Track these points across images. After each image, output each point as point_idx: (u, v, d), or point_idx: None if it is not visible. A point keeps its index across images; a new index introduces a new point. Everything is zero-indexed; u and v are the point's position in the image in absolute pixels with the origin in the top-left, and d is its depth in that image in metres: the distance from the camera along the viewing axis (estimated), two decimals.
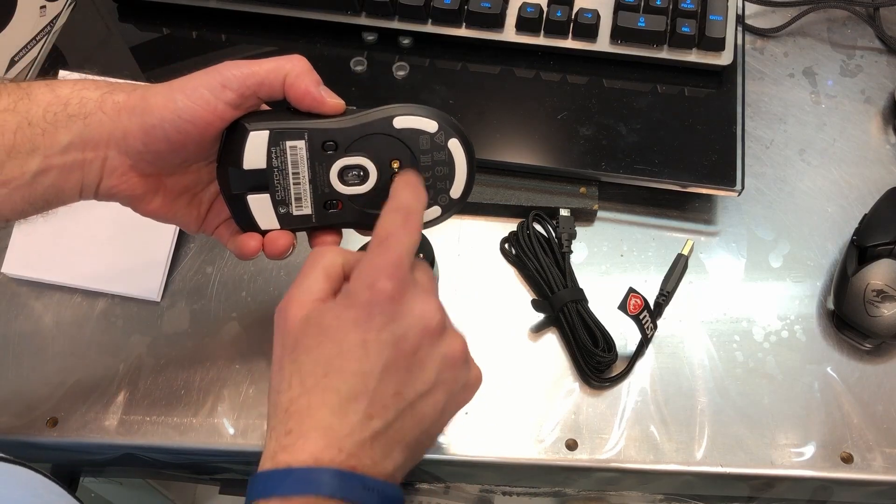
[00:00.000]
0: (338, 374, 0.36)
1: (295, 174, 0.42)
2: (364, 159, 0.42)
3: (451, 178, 0.43)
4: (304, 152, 0.42)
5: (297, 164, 0.42)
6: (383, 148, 0.42)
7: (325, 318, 0.37)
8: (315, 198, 0.43)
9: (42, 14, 0.69)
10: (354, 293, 0.37)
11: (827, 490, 0.52)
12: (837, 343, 0.55)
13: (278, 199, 0.43)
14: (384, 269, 0.37)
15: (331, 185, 0.43)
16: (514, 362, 0.54)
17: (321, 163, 0.42)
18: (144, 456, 0.53)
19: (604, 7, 0.61)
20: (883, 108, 0.64)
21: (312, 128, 0.42)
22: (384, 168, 0.42)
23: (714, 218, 0.60)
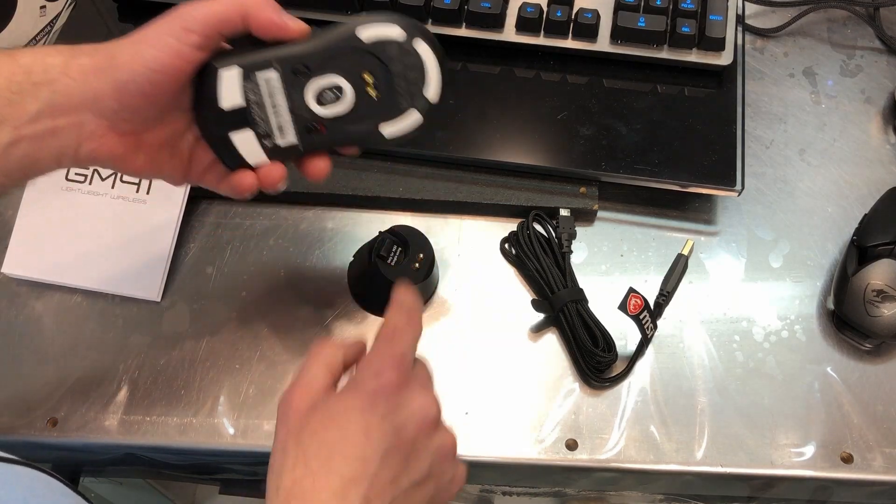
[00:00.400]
0: (341, 457, 0.37)
1: (273, 105, 0.43)
2: (337, 77, 0.42)
3: (424, 81, 0.43)
4: (278, 81, 0.42)
5: (273, 95, 0.42)
6: (353, 62, 0.42)
7: (330, 405, 0.39)
8: (297, 125, 0.43)
9: (42, 14, 0.69)
10: (361, 381, 0.39)
11: (827, 490, 0.52)
12: (837, 343, 0.55)
13: (261, 132, 0.43)
14: (390, 360, 0.39)
15: (310, 109, 0.43)
16: (514, 362, 0.54)
17: (296, 88, 0.42)
18: (144, 456, 0.53)
19: (604, 7, 0.61)
20: (883, 108, 0.64)
21: (281, 55, 0.42)
22: (358, 82, 0.43)
23: (714, 218, 0.60)
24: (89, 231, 0.57)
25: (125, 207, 0.58)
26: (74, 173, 0.58)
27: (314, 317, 0.56)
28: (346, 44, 0.42)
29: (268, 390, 0.53)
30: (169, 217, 0.57)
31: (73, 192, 0.58)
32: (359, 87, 0.42)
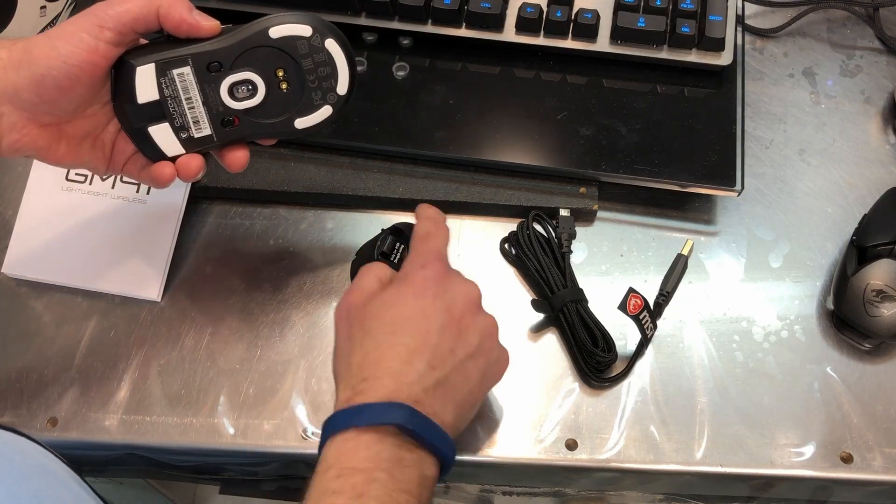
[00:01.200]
0: (404, 331, 0.42)
1: (188, 99, 0.45)
2: (250, 73, 0.45)
3: (335, 77, 0.46)
4: (192, 77, 0.44)
5: (187, 90, 0.45)
6: (266, 59, 0.45)
7: (386, 295, 0.44)
8: (212, 118, 0.46)
9: (42, 14, 0.69)
10: (409, 274, 0.45)
11: (827, 490, 0.52)
12: (837, 343, 0.55)
13: (177, 125, 0.45)
14: (430, 254, 0.46)
15: (223, 103, 0.45)
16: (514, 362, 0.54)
17: (210, 84, 0.45)
18: (144, 456, 0.53)
19: (604, 7, 0.61)
20: (882, 109, 0.64)
21: (195, 52, 0.44)
22: (270, 78, 0.45)
23: (714, 218, 0.60)
24: (89, 231, 0.57)
25: (125, 207, 0.58)
26: (75, 173, 0.58)
27: (314, 317, 0.56)
28: (258, 41, 0.45)
29: (268, 390, 0.53)
30: (169, 217, 0.57)
31: (74, 192, 0.58)
32: (271, 82, 0.45)
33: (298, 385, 0.53)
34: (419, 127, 0.59)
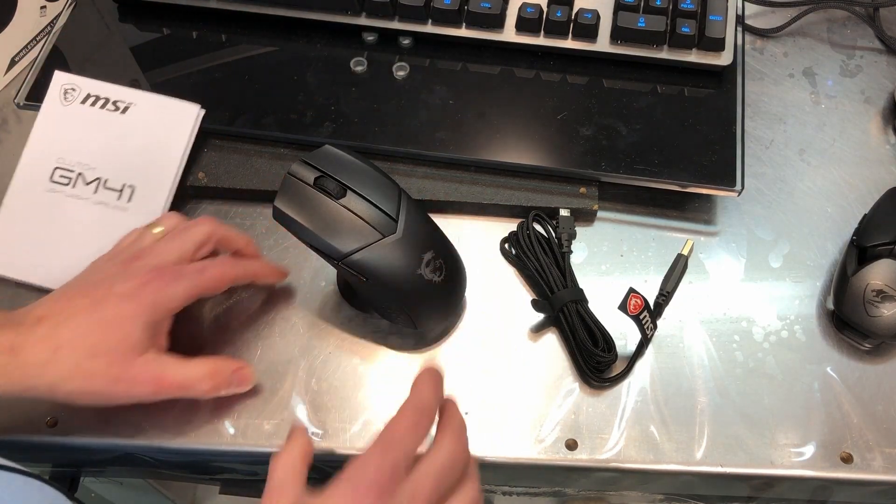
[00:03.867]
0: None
1: None
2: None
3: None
4: None
5: None
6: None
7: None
8: None
9: (42, 14, 0.69)
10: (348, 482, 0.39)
11: (827, 490, 0.52)
12: (837, 343, 0.55)
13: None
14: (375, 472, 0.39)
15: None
16: (514, 362, 0.54)
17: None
18: (144, 456, 0.53)
19: (604, 7, 0.61)
20: (883, 109, 0.64)
21: None
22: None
23: (714, 218, 0.60)
24: (69, 234, 0.57)
25: (105, 213, 0.57)
26: (59, 175, 0.57)
27: (314, 317, 0.56)
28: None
29: (268, 390, 0.53)
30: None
31: (57, 193, 0.57)
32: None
33: (298, 385, 0.53)
34: (419, 127, 0.59)
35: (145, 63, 0.64)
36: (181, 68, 0.63)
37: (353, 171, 0.49)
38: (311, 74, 0.62)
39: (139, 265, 0.48)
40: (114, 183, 0.57)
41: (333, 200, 0.47)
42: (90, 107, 0.58)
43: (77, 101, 0.58)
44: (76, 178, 0.57)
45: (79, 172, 0.57)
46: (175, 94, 0.61)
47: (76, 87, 0.58)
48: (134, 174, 0.57)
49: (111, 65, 0.64)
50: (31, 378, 0.44)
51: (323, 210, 0.47)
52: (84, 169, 0.57)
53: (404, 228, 0.48)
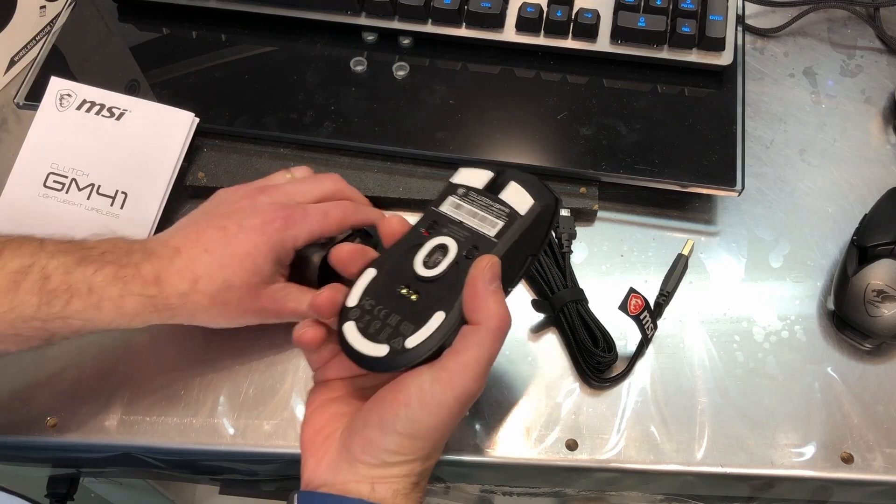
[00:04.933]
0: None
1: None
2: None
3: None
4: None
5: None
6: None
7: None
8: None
9: (42, 14, 0.69)
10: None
11: (827, 490, 0.52)
12: (838, 343, 0.55)
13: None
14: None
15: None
16: (514, 362, 0.54)
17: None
18: (144, 456, 0.53)
19: (604, 7, 0.61)
20: (883, 108, 0.64)
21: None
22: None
23: (714, 218, 0.60)
24: (75, 231, 0.56)
25: (97, 220, 0.56)
26: (53, 181, 0.57)
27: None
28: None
29: (268, 390, 0.53)
30: (139, 234, 0.56)
31: (50, 199, 0.57)
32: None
33: (298, 385, 0.53)
34: (419, 127, 0.59)
35: (145, 63, 0.64)
36: (181, 68, 0.63)
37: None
38: (311, 74, 0.62)
39: (265, 200, 0.50)
40: (107, 189, 0.57)
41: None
42: (85, 113, 0.58)
43: (72, 106, 0.58)
44: (70, 183, 0.57)
45: (72, 178, 0.57)
46: (175, 93, 0.61)
47: (72, 92, 0.58)
48: (127, 181, 0.57)
49: (111, 65, 0.64)
50: (174, 308, 0.46)
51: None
52: (78, 175, 0.57)
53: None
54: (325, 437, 0.41)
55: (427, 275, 0.42)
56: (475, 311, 0.39)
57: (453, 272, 0.41)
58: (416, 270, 0.42)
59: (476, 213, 0.43)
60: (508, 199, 0.44)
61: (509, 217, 0.43)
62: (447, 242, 0.42)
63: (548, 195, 0.44)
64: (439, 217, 0.44)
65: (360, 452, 0.39)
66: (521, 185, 0.44)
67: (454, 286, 0.41)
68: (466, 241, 0.42)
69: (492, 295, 0.39)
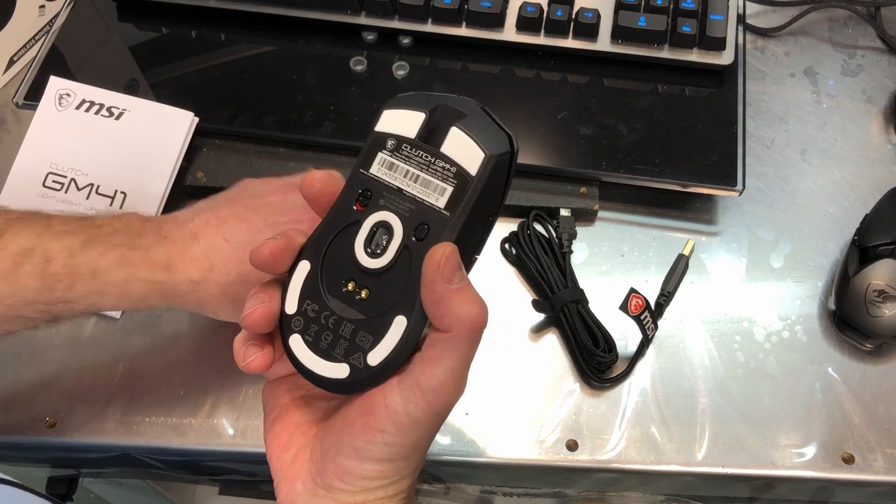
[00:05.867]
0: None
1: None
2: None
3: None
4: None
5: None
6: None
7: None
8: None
9: (41, 13, 0.69)
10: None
11: (828, 491, 0.52)
12: (838, 343, 0.54)
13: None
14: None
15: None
16: (514, 362, 0.54)
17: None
18: (143, 457, 0.53)
19: (604, 6, 0.61)
20: (884, 108, 0.64)
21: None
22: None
23: (715, 218, 0.60)
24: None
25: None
26: (52, 180, 0.57)
27: None
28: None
29: None
30: None
31: (49, 199, 0.57)
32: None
33: None
34: None
35: (144, 62, 0.63)
36: (180, 68, 0.63)
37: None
38: (310, 74, 0.62)
39: (298, 201, 0.43)
40: (106, 189, 0.57)
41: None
42: (84, 112, 0.58)
43: (71, 106, 0.58)
44: (69, 183, 0.57)
45: (71, 178, 0.57)
46: (174, 93, 0.61)
47: (71, 92, 0.58)
48: (126, 180, 0.57)
49: (110, 64, 0.64)
50: (183, 295, 0.44)
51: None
52: (77, 174, 0.57)
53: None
54: (294, 456, 0.37)
55: (373, 266, 0.35)
56: (441, 318, 0.33)
57: (404, 261, 0.34)
58: (359, 260, 0.35)
59: (417, 176, 0.35)
60: (452, 152, 0.34)
61: (458, 178, 0.34)
62: (389, 220, 0.35)
63: (499, 139, 0.35)
64: (371, 184, 0.35)
65: (338, 482, 0.35)
66: (464, 131, 0.35)
67: (409, 279, 0.34)
68: (412, 217, 0.34)
69: (456, 295, 0.33)
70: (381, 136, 0.36)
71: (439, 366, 0.33)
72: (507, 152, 0.35)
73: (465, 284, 0.34)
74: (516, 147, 0.36)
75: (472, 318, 0.34)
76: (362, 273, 0.35)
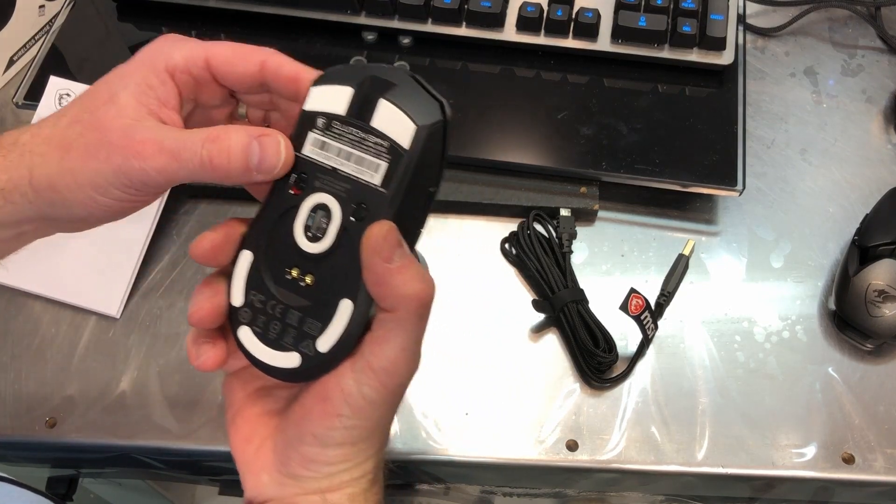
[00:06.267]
0: None
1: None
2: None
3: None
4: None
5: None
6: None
7: None
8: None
9: (41, 13, 0.69)
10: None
11: (828, 491, 0.52)
12: (839, 343, 0.54)
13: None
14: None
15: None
16: (514, 362, 0.54)
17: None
18: (143, 457, 0.53)
19: (604, 6, 0.61)
20: (884, 108, 0.64)
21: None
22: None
23: (715, 218, 0.60)
24: (61, 241, 0.56)
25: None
26: None
27: None
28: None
29: None
30: (138, 233, 0.56)
31: None
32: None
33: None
34: None
35: None
36: None
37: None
38: None
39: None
40: None
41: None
42: None
43: None
44: None
45: None
46: None
47: (71, 92, 0.58)
48: None
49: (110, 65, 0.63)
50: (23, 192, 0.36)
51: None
52: None
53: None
54: (256, 448, 0.36)
55: (314, 251, 0.34)
56: (384, 298, 0.33)
57: (345, 243, 0.33)
58: (300, 245, 0.34)
59: (350, 154, 0.34)
60: (383, 126, 0.33)
61: (391, 153, 0.33)
62: (326, 202, 0.34)
63: (430, 108, 0.34)
64: (305, 165, 0.34)
65: (303, 470, 0.35)
66: (393, 103, 0.33)
67: (352, 262, 0.33)
68: (349, 197, 0.33)
69: (398, 274, 0.32)
70: (310, 114, 0.35)
71: (389, 345, 0.33)
72: (439, 121, 0.34)
73: (407, 262, 0.33)
74: (449, 114, 0.35)
75: (417, 296, 0.33)
76: (305, 259, 0.34)
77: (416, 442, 0.51)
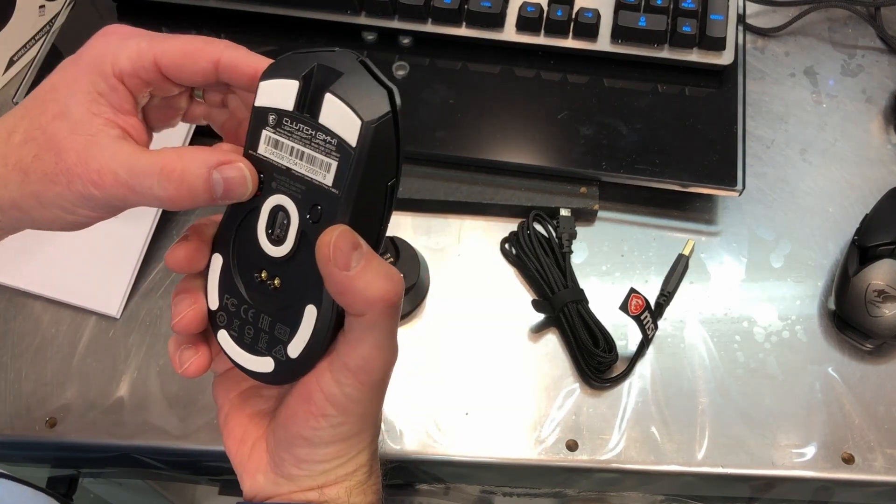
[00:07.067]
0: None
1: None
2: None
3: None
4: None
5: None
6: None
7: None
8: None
9: (41, 13, 0.69)
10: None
11: (828, 491, 0.52)
12: (839, 343, 0.54)
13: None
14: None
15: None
16: (514, 362, 0.54)
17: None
18: (144, 457, 0.53)
19: (604, 6, 0.61)
20: (884, 108, 0.64)
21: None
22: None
23: (715, 218, 0.60)
24: (60, 241, 0.56)
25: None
26: None
27: None
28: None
29: None
30: (138, 234, 0.56)
31: None
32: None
33: None
34: (419, 126, 0.59)
35: None
36: None
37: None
38: None
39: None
40: None
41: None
42: None
43: None
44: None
45: None
46: None
47: None
48: None
49: None
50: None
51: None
52: None
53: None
54: (250, 448, 0.37)
55: (277, 255, 0.33)
56: (351, 305, 0.32)
57: (305, 246, 0.32)
58: (264, 249, 0.33)
59: (302, 153, 0.32)
60: (330, 122, 0.31)
61: (340, 151, 0.31)
62: (284, 204, 0.33)
63: (377, 99, 0.32)
64: (262, 165, 0.33)
65: (296, 469, 0.35)
66: (339, 97, 0.31)
67: (314, 266, 0.32)
68: (305, 199, 0.32)
69: (358, 279, 0.31)
70: (261, 111, 0.33)
71: (362, 346, 0.33)
72: (386, 113, 0.32)
73: (366, 264, 0.31)
74: (398, 103, 0.33)
75: (382, 298, 0.32)
76: (270, 262, 0.33)
77: (416, 442, 0.51)
